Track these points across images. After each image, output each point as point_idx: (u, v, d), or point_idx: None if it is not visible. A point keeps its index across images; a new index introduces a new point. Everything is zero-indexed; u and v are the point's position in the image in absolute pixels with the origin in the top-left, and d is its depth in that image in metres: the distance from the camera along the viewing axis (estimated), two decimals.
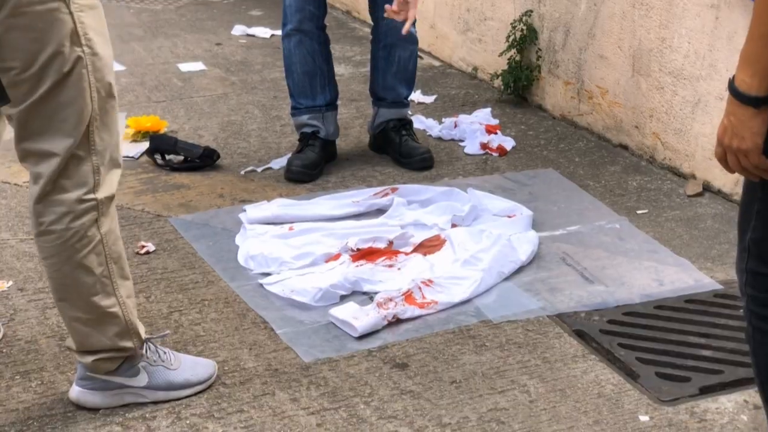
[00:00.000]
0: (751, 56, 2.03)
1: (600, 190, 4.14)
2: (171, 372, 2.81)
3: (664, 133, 4.29)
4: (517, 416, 2.81)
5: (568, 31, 4.71)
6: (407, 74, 4.36)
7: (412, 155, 4.30)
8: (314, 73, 4.24)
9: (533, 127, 4.76)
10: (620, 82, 4.48)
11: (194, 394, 2.84)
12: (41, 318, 3.19)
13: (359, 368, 3.00)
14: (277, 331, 3.16)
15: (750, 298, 2.21)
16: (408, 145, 4.32)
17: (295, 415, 2.79)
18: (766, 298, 2.19)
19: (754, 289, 2.20)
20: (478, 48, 5.30)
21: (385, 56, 4.31)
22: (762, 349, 2.22)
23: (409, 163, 4.29)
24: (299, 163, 4.19)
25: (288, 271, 3.44)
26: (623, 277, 3.49)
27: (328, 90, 4.29)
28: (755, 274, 2.19)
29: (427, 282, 3.33)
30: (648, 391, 2.92)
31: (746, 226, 2.20)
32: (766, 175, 2.09)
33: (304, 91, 4.26)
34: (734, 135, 2.06)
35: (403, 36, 4.06)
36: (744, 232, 2.20)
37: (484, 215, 3.80)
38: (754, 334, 2.22)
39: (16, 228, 3.76)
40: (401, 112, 4.39)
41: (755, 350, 2.25)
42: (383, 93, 4.37)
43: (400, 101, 4.38)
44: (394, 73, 4.32)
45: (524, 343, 3.13)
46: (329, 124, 4.30)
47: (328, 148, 4.32)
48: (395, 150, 4.34)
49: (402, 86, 4.36)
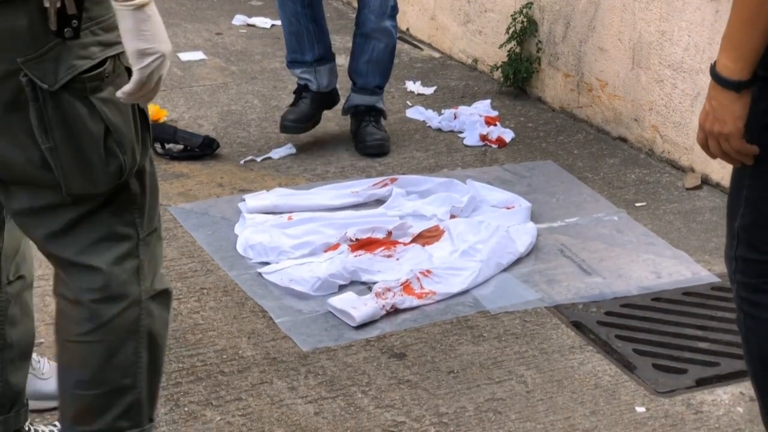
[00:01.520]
0: (733, 41, 2.06)
1: (599, 182, 4.15)
2: (41, 381, 2.65)
3: (663, 126, 4.30)
4: (514, 406, 2.82)
5: (569, 23, 4.72)
6: (381, 65, 4.42)
7: (363, 141, 4.36)
8: (300, 33, 4.38)
9: (532, 119, 4.76)
10: (620, 75, 4.49)
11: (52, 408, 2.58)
12: (41, 305, 3.20)
13: (357, 357, 3.01)
14: (275, 320, 3.17)
15: (740, 285, 2.23)
16: (365, 130, 4.39)
17: (293, 404, 2.80)
18: (756, 284, 2.20)
19: (744, 275, 2.22)
20: (479, 40, 5.30)
21: (360, 43, 4.40)
22: (753, 335, 2.24)
23: (360, 149, 4.37)
24: (291, 117, 4.38)
25: (287, 260, 3.45)
26: (621, 269, 3.50)
27: (317, 47, 4.40)
28: (745, 260, 2.21)
29: (426, 272, 3.34)
30: (645, 383, 2.93)
31: (735, 213, 2.21)
32: (747, 159, 2.11)
33: (293, 48, 4.43)
34: (716, 119, 2.09)
35: (379, 29, 4.26)
36: (733, 220, 2.22)
37: (482, 206, 3.81)
38: (746, 320, 2.25)
39: None
40: (370, 100, 4.44)
41: (747, 337, 2.27)
42: (354, 76, 4.46)
43: (369, 89, 4.43)
44: (366, 60, 4.39)
45: (522, 334, 3.14)
46: (321, 78, 4.42)
47: (325, 98, 4.46)
48: (354, 133, 4.44)
49: (373, 75, 4.42)
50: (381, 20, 4.30)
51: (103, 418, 2.24)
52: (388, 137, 4.40)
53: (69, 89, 2.04)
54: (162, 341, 2.30)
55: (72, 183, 2.08)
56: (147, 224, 2.22)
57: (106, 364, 2.21)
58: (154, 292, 2.24)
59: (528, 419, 2.77)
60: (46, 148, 2.06)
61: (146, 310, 2.22)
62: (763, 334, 2.24)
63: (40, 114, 2.04)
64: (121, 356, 2.22)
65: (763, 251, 2.19)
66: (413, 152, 4.39)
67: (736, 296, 2.26)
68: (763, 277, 2.21)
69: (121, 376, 2.23)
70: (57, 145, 2.06)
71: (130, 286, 2.19)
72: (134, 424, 2.26)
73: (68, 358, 2.24)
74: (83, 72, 2.04)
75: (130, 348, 2.22)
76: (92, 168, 2.09)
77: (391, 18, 4.35)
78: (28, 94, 2.02)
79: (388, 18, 4.33)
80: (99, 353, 2.20)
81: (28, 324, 2.41)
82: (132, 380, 2.24)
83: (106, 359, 2.21)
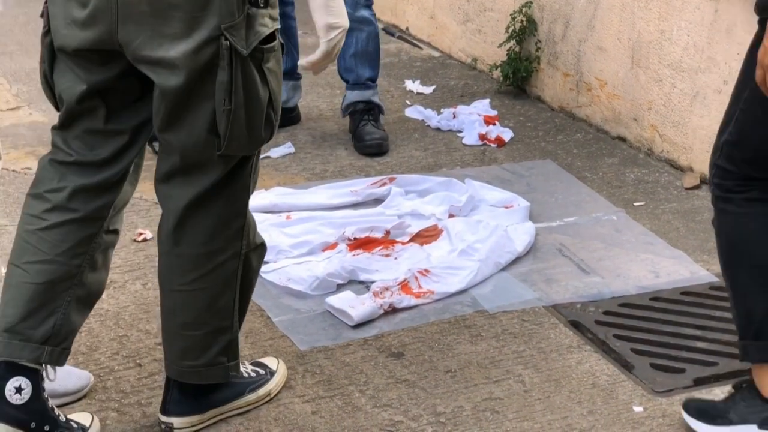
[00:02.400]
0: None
1: (597, 181, 4.15)
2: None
3: (663, 125, 4.30)
4: (511, 406, 2.81)
5: (568, 22, 4.71)
6: (367, 55, 4.42)
7: (362, 140, 4.36)
8: None
9: (532, 118, 4.76)
10: (619, 74, 4.48)
11: (61, 405, 2.66)
12: None
13: (355, 357, 3.01)
14: (273, 319, 3.17)
15: (716, 186, 2.56)
16: (363, 129, 4.39)
17: (291, 403, 2.80)
18: (729, 186, 2.54)
19: (721, 179, 2.55)
20: (478, 39, 5.30)
21: None
22: (724, 227, 2.58)
23: (359, 147, 4.37)
24: None
25: (285, 259, 3.45)
26: (619, 268, 3.50)
27: (285, 60, 4.36)
28: (723, 169, 2.54)
29: (424, 272, 3.34)
30: (642, 382, 2.92)
31: (725, 128, 2.51)
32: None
33: None
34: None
35: (357, 19, 4.26)
36: (722, 133, 2.52)
37: (481, 206, 3.80)
38: (718, 215, 2.58)
39: (14, 214, 3.76)
40: (365, 95, 4.44)
41: (720, 230, 2.59)
42: (345, 74, 4.46)
43: (362, 83, 4.43)
44: (352, 54, 4.40)
45: (520, 334, 3.14)
46: (282, 92, 4.41)
47: (284, 113, 4.43)
48: (353, 133, 4.43)
49: (363, 67, 4.42)
50: (356, 10, 4.32)
51: (206, 354, 2.55)
52: (387, 136, 4.40)
53: (251, 56, 2.28)
54: (252, 287, 2.63)
55: (233, 143, 2.33)
56: (254, 186, 2.52)
57: (208, 309, 2.51)
58: (255, 246, 2.55)
59: (525, 418, 2.77)
60: (225, 110, 2.28)
61: (244, 262, 2.52)
62: (732, 227, 2.57)
63: (230, 77, 2.26)
64: (221, 302, 2.52)
65: (738, 167, 2.51)
66: (412, 151, 4.39)
67: (713, 196, 2.59)
68: (736, 181, 2.53)
69: (221, 319, 2.54)
70: (235, 108, 2.28)
71: (235, 241, 2.47)
72: (232, 357, 2.60)
73: (171, 304, 2.52)
74: (262, 42, 2.29)
75: (228, 295, 2.53)
76: (256, 131, 2.35)
77: (366, 7, 4.37)
78: (225, 58, 2.24)
79: (363, 8, 4.35)
80: (201, 300, 2.50)
81: (103, 275, 2.59)
82: (229, 322, 2.56)
83: (208, 305, 2.51)
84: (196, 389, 2.63)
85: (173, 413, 2.63)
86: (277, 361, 2.87)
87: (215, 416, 2.69)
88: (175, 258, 2.48)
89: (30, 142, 4.28)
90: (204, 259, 2.46)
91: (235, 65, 2.26)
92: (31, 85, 4.87)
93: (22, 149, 4.19)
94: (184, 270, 2.48)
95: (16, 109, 4.62)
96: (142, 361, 2.94)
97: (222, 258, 2.48)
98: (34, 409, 2.46)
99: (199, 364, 2.57)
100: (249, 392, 2.74)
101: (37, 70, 2.72)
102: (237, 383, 2.71)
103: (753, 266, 2.53)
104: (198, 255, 2.46)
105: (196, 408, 2.64)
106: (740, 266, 2.55)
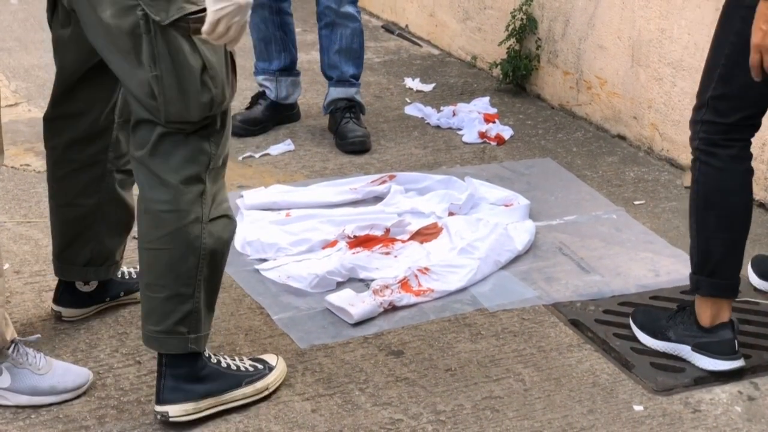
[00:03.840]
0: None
1: (597, 180, 4.14)
2: (37, 376, 2.70)
3: (663, 124, 4.30)
4: (511, 404, 2.81)
5: (568, 20, 4.71)
6: (352, 52, 4.43)
7: (345, 137, 4.36)
8: (268, 39, 4.47)
9: (531, 116, 4.75)
10: (619, 73, 4.48)
11: (60, 402, 2.72)
12: (37, 301, 3.19)
13: (354, 355, 3.00)
14: (273, 317, 3.17)
15: (701, 141, 2.86)
16: (346, 127, 4.39)
17: (290, 401, 2.79)
18: (715, 140, 2.84)
19: (706, 133, 2.84)
20: (478, 37, 5.29)
21: (327, 35, 4.42)
22: (703, 178, 2.87)
23: (341, 145, 4.37)
24: (240, 118, 4.46)
25: (285, 257, 3.45)
26: (619, 267, 3.49)
27: (283, 56, 4.50)
28: (709, 123, 2.83)
29: (424, 270, 3.33)
30: (642, 381, 2.92)
31: (707, 87, 2.81)
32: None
33: (261, 55, 4.52)
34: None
35: (342, 15, 4.32)
36: (704, 93, 2.83)
37: (481, 204, 3.80)
38: (700, 167, 2.87)
39: (13, 211, 3.76)
40: (348, 92, 4.45)
41: (698, 179, 2.88)
42: (329, 71, 4.46)
43: (346, 80, 4.44)
44: (336, 51, 4.40)
45: (520, 332, 3.13)
46: (281, 88, 4.50)
47: (280, 110, 4.53)
48: (335, 131, 4.43)
49: (347, 64, 4.42)
50: (341, 6, 4.34)
51: (166, 320, 2.61)
52: (369, 134, 4.41)
53: (176, 27, 2.41)
54: (221, 260, 2.66)
55: (171, 108, 2.47)
56: (217, 158, 2.59)
57: (169, 272, 2.58)
58: (215, 216, 2.60)
59: (525, 417, 2.76)
60: (152, 75, 2.44)
61: (207, 230, 2.58)
62: (711, 178, 2.86)
63: (151, 45, 2.43)
64: (182, 267, 2.58)
65: (726, 116, 2.80)
66: (412, 149, 4.39)
67: (696, 150, 2.88)
68: (722, 134, 2.83)
69: (181, 285, 2.59)
70: (162, 74, 2.44)
71: (195, 205, 2.56)
72: (193, 330, 2.63)
73: (142, 264, 2.63)
74: (190, 14, 2.41)
75: (191, 261, 2.58)
76: (189, 97, 2.46)
77: (351, 3, 4.37)
78: (142, 26, 2.41)
79: (348, 3, 4.36)
80: (162, 260, 2.58)
81: (127, 205, 2.97)
82: (190, 291, 2.60)
83: (169, 267, 2.58)
84: (188, 375, 2.65)
85: (167, 401, 2.64)
86: (276, 358, 2.87)
87: (211, 407, 2.69)
88: (143, 214, 2.61)
89: (29, 138, 4.27)
90: (168, 218, 2.56)
91: (155, 34, 2.42)
92: (30, 81, 4.86)
93: (21, 146, 4.19)
94: (148, 227, 2.60)
95: (14, 105, 4.61)
96: (141, 359, 2.93)
97: (184, 221, 2.56)
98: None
99: (159, 330, 2.62)
100: (246, 384, 2.74)
101: (35, 66, 2.83)
102: (232, 374, 2.73)
103: (721, 216, 2.88)
104: (160, 212, 2.56)
105: (190, 395, 2.65)
106: (711, 213, 2.88)
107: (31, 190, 3.88)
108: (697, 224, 2.92)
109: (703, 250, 2.92)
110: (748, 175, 2.89)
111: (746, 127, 2.86)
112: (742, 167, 2.87)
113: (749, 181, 2.90)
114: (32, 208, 3.75)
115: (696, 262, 2.95)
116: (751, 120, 2.85)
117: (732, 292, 2.94)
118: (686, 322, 2.99)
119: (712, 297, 2.93)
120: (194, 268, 2.59)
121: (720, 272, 2.91)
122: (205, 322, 2.66)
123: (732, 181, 2.87)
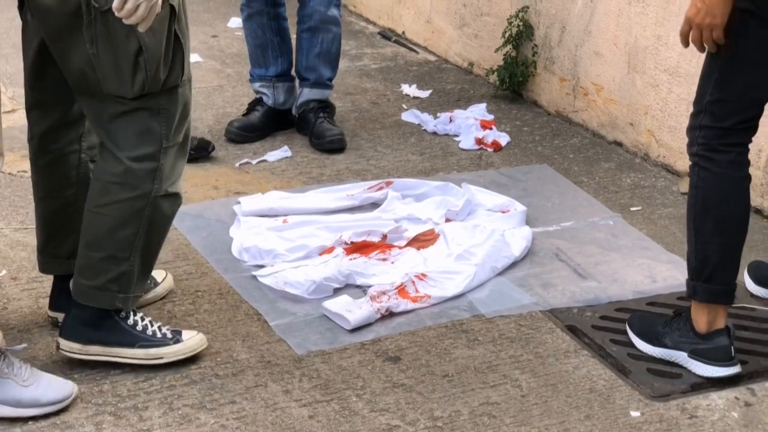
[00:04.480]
0: None
1: (594, 186, 4.15)
2: (20, 388, 2.68)
3: (659, 130, 4.30)
4: (508, 410, 2.81)
5: (564, 27, 4.72)
6: (330, 56, 4.48)
7: (323, 136, 4.40)
8: (265, 45, 4.49)
9: (528, 123, 4.76)
10: (615, 79, 4.49)
11: (43, 414, 2.70)
12: (34, 307, 3.19)
13: (352, 361, 3.00)
14: (270, 323, 3.17)
15: (700, 146, 2.88)
16: (322, 126, 4.43)
17: (288, 407, 2.80)
18: (714, 145, 2.87)
19: (705, 138, 2.87)
20: (474, 43, 5.30)
21: (308, 37, 4.45)
22: (703, 183, 2.89)
23: (319, 144, 4.40)
24: (237, 125, 4.48)
25: (282, 263, 3.45)
26: (616, 273, 3.50)
27: (280, 61, 4.53)
28: (708, 128, 2.86)
29: (421, 276, 3.34)
30: (639, 387, 2.92)
31: (704, 92, 2.85)
32: (713, 47, 2.75)
33: (257, 62, 4.54)
34: (707, 14, 2.68)
35: (327, 19, 4.36)
36: (702, 98, 2.86)
37: (478, 210, 3.80)
38: (699, 172, 2.90)
39: (10, 217, 3.76)
40: (323, 93, 4.50)
41: (697, 184, 2.90)
42: (306, 73, 4.50)
43: (323, 82, 4.49)
44: (316, 54, 4.45)
45: (517, 338, 3.13)
46: (278, 94, 4.51)
47: (277, 116, 4.54)
48: (310, 131, 4.45)
49: (325, 67, 4.48)
50: (328, 9, 4.38)
51: (98, 277, 2.82)
52: (344, 132, 4.46)
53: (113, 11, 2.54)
54: (161, 230, 2.87)
55: (108, 84, 2.68)
56: (171, 136, 2.77)
57: (109, 235, 2.79)
58: (165, 193, 2.80)
59: (523, 423, 2.76)
60: (90, 53, 2.65)
61: (153, 204, 2.78)
62: (710, 184, 2.89)
63: (90, 27, 2.63)
64: (122, 233, 2.79)
65: (723, 120, 2.83)
66: (408, 155, 4.39)
67: (694, 156, 2.90)
68: (721, 139, 2.86)
69: (118, 249, 2.80)
70: (99, 54, 2.65)
71: (144, 182, 2.76)
72: (123, 290, 2.84)
73: (84, 223, 2.83)
74: None
75: (130, 228, 2.79)
76: (123, 75, 2.67)
77: (336, 7, 4.42)
78: (83, 9, 2.61)
79: (334, 6, 4.41)
80: (104, 224, 2.79)
81: None
82: (126, 254, 2.82)
83: (109, 231, 2.79)
84: (86, 320, 2.84)
85: (62, 335, 2.88)
86: (194, 334, 2.95)
87: (99, 354, 2.86)
88: (95, 180, 2.81)
89: (26, 144, 4.25)
90: (115, 190, 2.76)
91: (94, 16, 2.62)
92: None
93: (18, 152, 4.18)
94: (94, 194, 2.80)
95: (11, 111, 4.61)
96: None
97: (130, 194, 2.76)
98: None
99: (91, 285, 2.82)
100: (138, 346, 2.88)
101: None
102: (131, 333, 2.88)
103: (718, 221, 2.89)
104: (109, 183, 2.76)
105: (81, 337, 2.85)
106: (709, 218, 2.90)
107: (28, 197, 3.86)
108: (694, 230, 2.94)
109: (700, 256, 2.94)
110: (746, 182, 2.91)
111: (743, 131, 2.88)
112: (740, 173, 2.90)
113: (747, 188, 2.91)
114: (29, 214, 3.75)
115: (693, 268, 2.97)
116: (748, 123, 2.88)
117: (728, 298, 2.95)
118: (682, 329, 3.00)
119: (709, 303, 2.94)
120: (133, 236, 2.80)
121: (717, 278, 2.93)
122: (137, 284, 2.86)
123: (730, 187, 2.89)
